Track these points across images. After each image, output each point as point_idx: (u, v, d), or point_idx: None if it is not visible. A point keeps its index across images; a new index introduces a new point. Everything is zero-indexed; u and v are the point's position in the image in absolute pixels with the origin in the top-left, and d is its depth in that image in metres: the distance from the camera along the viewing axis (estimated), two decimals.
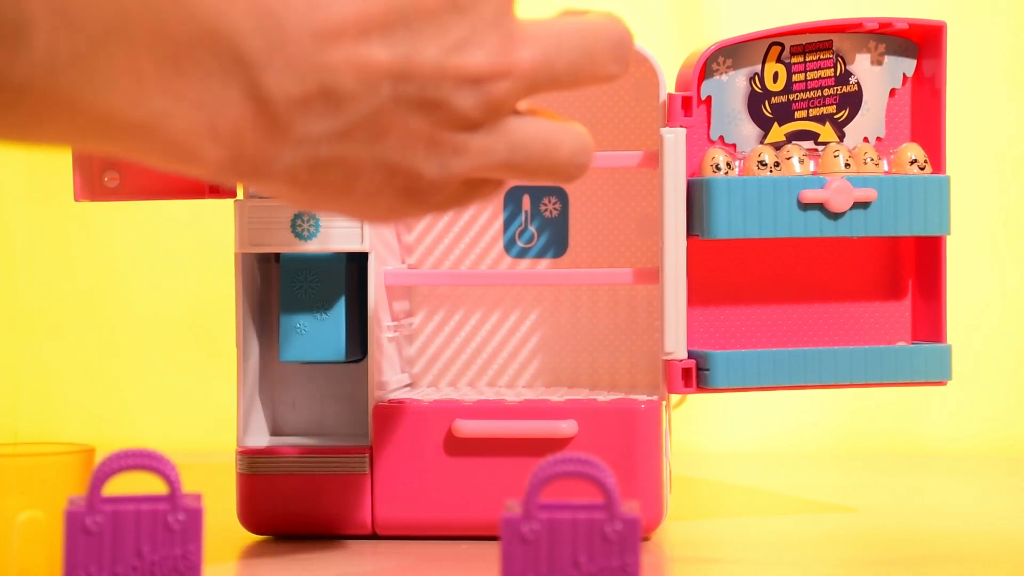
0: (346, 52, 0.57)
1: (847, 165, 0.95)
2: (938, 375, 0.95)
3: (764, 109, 0.96)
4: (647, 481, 0.90)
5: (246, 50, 0.56)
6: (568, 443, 0.91)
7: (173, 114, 0.56)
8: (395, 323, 0.98)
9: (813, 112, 0.96)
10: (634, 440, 0.91)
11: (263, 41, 0.56)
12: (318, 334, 0.94)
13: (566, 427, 0.91)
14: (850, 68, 0.97)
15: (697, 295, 0.96)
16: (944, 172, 0.96)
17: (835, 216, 0.93)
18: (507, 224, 1.02)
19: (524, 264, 1.02)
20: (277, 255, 0.96)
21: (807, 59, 0.96)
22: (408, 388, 1.01)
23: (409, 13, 0.58)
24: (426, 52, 0.58)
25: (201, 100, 0.56)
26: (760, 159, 0.94)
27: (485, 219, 1.02)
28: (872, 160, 0.95)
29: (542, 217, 1.01)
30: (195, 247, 1.43)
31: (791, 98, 0.96)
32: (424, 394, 0.97)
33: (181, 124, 0.56)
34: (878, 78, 0.97)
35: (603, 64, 0.63)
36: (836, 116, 0.97)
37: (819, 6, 1.36)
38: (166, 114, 0.56)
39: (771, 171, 0.94)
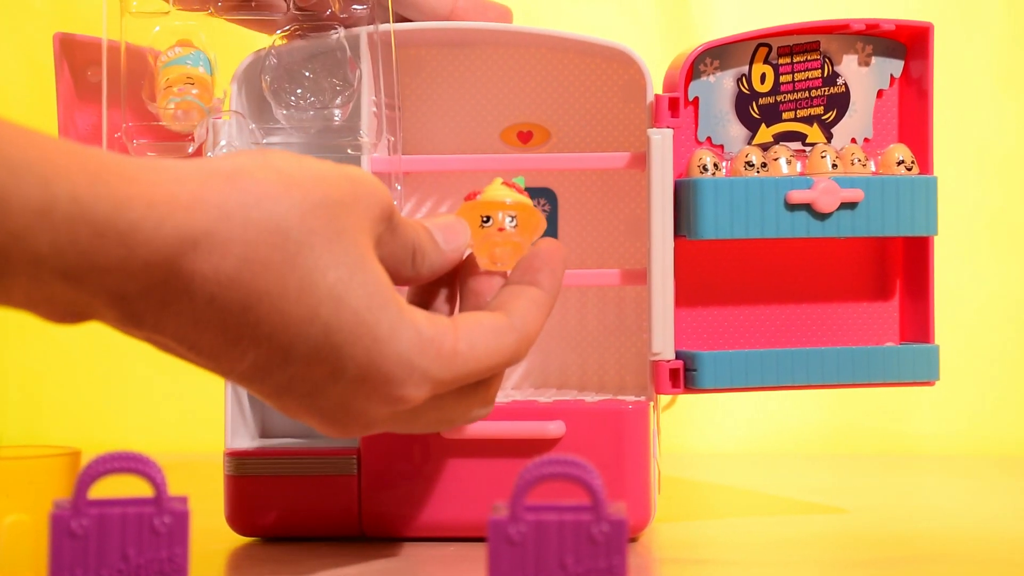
0: None
1: (834, 166, 0.94)
2: (926, 375, 0.95)
3: (751, 110, 0.96)
4: (635, 482, 0.90)
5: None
6: (555, 444, 0.91)
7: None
8: None
9: (800, 113, 0.96)
10: (622, 441, 0.90)
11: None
12: None
13: (553, 428, 0.90)
14: (837, 69, 0.97)
15: (684, 296, 0.96)
16: (931, 173, 0.96)
17: (822, 217, 0.93)
18: None
19: None
20: None
21: (794, 60, 0.96)
22: None
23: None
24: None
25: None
26: (747, 160, 0.94)
27: None
28: (859, 161, 0.95)
29: None
30: None
31: (778, 99, 0.96)
32: None
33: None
34: (865, 79, 0.97)
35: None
36: (823, 117, 0.97)
37: (806, 7, 1.36)
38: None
39: (758, 172, 0.94)
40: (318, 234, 0.65)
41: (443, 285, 0.78)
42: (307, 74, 0.91)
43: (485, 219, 0.76)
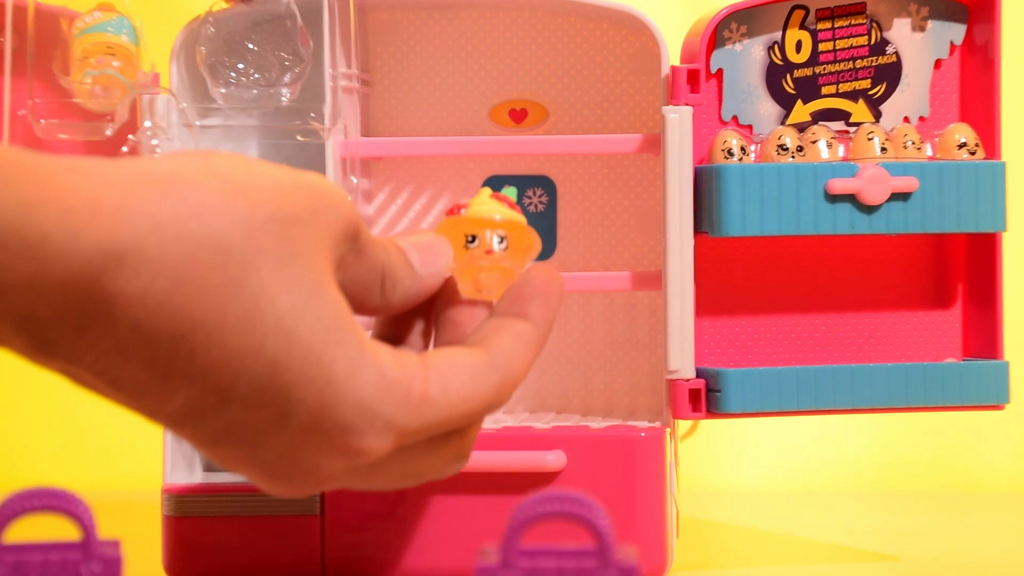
0: None
1: (883, 150, 0.95)
2: (994, 397, 0.96)
3: (785, 84, 0.96)
4: (648, 523, 0.91)
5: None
6: (555, 478, 0.91)
7: None
8: None
9: (843, 87, 0.97)
10: (633, 475, 0.91)
11: None
12: None
13: (553, 459, 0.91)
14: (887, 35, 0.97)
15: (706, 303, 0.96)
16: (999, 157, 0.96)
17: (869, 210, 0.93)
18: None
19: None
20: None
21: (836, 25, 0.96)
22: None
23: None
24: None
25: None
26: (781, 143, 0.94)
27: None
28: (913, 143, 0.95)
29: (525, 212, 1.02)
30: None
31: (817, 71, 0.96)
32: None
33: None
34: (920, 47, 0.97)
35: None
36: (871, 92, 0.97)
37: None
38: None
39: (793, 157, 0.94)
40: (267, 254, 0.65)
41: (418, 316, 0.77)
42: (250, 46, 0.91)
43: (470, 239, 0.76)
